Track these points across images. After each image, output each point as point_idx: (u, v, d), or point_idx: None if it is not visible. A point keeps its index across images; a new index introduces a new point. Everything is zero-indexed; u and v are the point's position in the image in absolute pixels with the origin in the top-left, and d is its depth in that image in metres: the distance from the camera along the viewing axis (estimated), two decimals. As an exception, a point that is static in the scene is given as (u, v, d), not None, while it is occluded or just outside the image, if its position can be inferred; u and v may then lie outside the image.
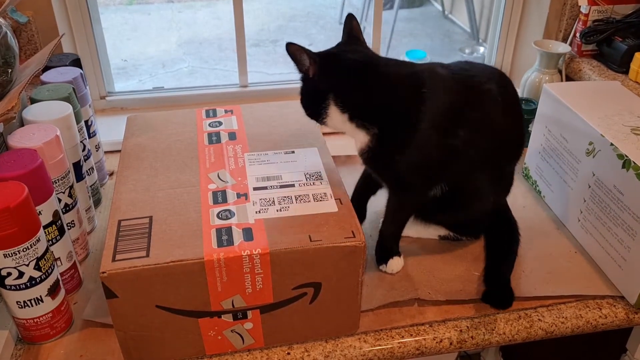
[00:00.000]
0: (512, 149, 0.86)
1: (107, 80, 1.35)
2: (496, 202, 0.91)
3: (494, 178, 0.86)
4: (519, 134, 0.87)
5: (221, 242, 0.67)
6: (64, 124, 0.83)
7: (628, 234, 0.80)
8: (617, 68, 1.28)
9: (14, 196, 0.66)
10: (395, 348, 0.76)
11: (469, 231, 0.92)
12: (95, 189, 1.00)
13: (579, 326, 0.80)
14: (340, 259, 0.68)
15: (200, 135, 0.87)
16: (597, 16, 1.32)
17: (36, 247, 0.69)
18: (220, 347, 0.73)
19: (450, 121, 0.77)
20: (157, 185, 0.77)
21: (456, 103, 0.77)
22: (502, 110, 0.81)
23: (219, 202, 0.73)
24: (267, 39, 3.04)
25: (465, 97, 0.78)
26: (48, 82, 0.92)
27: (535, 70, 1.29)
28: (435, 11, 3.56)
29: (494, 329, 0.79)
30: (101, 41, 1.31)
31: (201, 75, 2.61)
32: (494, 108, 0.80)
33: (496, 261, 0.87)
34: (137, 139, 0.87)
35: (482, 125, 0.79)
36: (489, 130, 0.80)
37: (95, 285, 0.83)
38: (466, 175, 0.82)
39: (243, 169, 0.80)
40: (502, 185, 0.90)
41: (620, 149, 0.81)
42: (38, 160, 0.72)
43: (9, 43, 0.75)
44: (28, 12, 1.12)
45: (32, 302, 0.72)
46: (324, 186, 0.77)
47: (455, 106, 0.77)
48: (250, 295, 0.69)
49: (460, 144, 0.77)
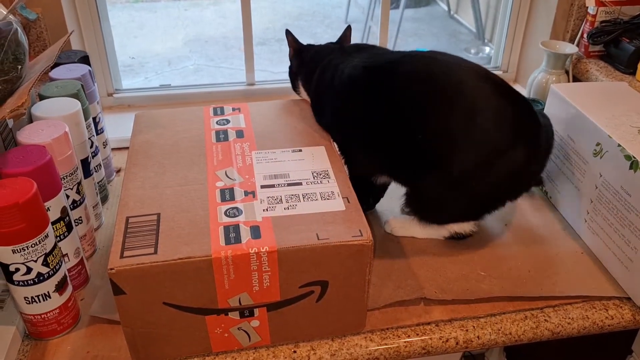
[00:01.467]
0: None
1: (114, 77, 1.35)
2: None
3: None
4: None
5: (229, 239, 0.67)
6: (72, 120, 0.84)
7: (635, 235, 0.80)
8: (624, 69, 1.28)
9: (23, 192, 0.66)
10: (401, 347, 0.76)
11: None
12: (102, 186, 1.00)
13: (585, 327, 0.80)
14: (348, 257, 0.69)
15: (208, 132, 0.88)
16: (605, 17, 1.32)
17: (44, 243, 0.69)
18: (227, 344, 0.73)
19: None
20: (165, 183, 0.77)
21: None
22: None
23: (227, 200, 0.73)
24: (273, 38, 3.05)
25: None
26: (57, 79, 0.93)
27: (542, 71, 1.29)
28: (441, 11, 3.56)
29: (500, 329, 0.79)
30: (109, 38, 1.31)
31: (207, 73, 2.62)
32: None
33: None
34: (145, 136, 0.87)
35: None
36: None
37: (102, 282, 0.84)
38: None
39: (250, 167, 0.80)
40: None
41: (628, 149, 0.81)
42: (47, 157, 0.73)
43: (20, 40, 0.76)
44: (37, 9, 1.12)
45: (40, 297, 0.72)
46: (331, 185, 0.77)
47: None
48: (258, 293, 0.69)
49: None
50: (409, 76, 0.83)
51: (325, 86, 0.92)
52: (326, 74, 0.92)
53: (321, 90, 0.94)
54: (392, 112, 0.83)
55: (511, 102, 0.83)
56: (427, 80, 0.82)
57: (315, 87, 0.96)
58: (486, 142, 0.80)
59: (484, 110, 0.80)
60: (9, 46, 0.74)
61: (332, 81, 0.90)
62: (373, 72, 0.85)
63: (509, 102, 0.82)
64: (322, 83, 0.93)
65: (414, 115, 0.82)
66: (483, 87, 0.82)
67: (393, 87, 0.83)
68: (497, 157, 0.81)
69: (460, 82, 0.81)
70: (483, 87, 0.82)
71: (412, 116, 0.82)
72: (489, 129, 0.80)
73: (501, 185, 0.84)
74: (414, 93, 0.82)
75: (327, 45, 1.01)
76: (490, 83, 0.82)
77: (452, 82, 0.81)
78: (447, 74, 0.82)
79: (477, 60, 2.71)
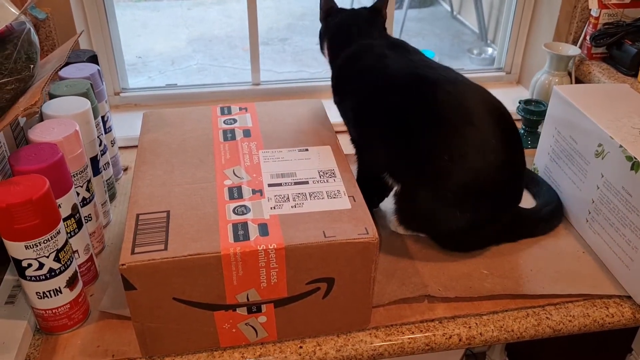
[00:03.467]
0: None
1: (121, 76, 1.37)
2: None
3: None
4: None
5: (237, 236, 0.68)
6: (82, 119, 0.85)
7: (636, 234, 0.82)
8: (626, 71, 1.29)
9: (36, 189, 0.67)
10: (405, 343, 0.78)
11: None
12: (110, 184, 1.01)
13: (586, 325, 0.82)
14: (354, 254, 0.70)
15: (216, 132, 0.89)
16: (608, 19, 1.33)
17: (56, 239, 0.71)
18: (235, 339, 0.75)
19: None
20: (174, 181, 0.78)
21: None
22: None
23: (235, 198, 0.75)
24: (277, 38, 3.06)
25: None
26: (66, 78, 0.94)
27: (545, 72, 1.30)
28: (444, 11, 3.57)
29: (502, 326, 0.80)
30: (116, 38, 1.33)
31: (211, 73, 2.63)
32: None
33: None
34: (153, 135, 0.89)
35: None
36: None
37: (111, 278, 0.85)
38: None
39: (258, 166, 0.81)
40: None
41: (629, 150, 0.82)
42: (59, 154, 0.74)
43: (32, 39, 0.77)
44: (46, 9, 1.13)
45: (51, 293, 0.73)
46: (337, 184, 0.78)
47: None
48: (265, 289, 0.70)
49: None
50: (450, 102, 0.85)
51: (362, 72, 0.93)
52: (365, 59, 0.93)
53: (353, 74, 0.95)
54: (427, 128, 0.84)
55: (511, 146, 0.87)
56: (464, 108, 0.84)
57: (345, 65, 0.97)
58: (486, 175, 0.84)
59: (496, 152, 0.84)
60: (22, 46, 0.75)
61: (373, 73, 0.91)
62: (421, 83, 0.87)
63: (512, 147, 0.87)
64: (358, 67, 0.94)
65: (446, 138, 0.83)
66: (505, 132, 0.86)
67: (437, 106, 0.85)
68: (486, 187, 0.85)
69: (485, 115, 0.85)
70: (505, 131, 0.86)
71: (444, 139, 0.83)
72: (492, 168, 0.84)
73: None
74: (451, 118, 0.84)
75: (361, 15, 1.02)
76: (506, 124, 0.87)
77: (480, 115, 0.84)
78: (479, 105, 0.86)
79: (480, 62, 2.72)
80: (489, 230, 0.90)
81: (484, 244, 0.92)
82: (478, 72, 1.57)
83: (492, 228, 0.90)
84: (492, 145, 0.83)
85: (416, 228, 0.93)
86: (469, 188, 0.83)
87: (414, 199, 0.88)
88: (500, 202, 0.88)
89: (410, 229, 0.93)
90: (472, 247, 0.91)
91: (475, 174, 0.83)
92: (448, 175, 0.83)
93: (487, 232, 0.90)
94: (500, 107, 0.88)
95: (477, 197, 0.85)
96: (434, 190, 0.85)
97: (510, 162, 0.87)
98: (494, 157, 0.84)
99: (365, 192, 0.77)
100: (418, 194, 0.87)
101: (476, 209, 0.86)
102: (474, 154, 0.82)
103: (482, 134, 0.83)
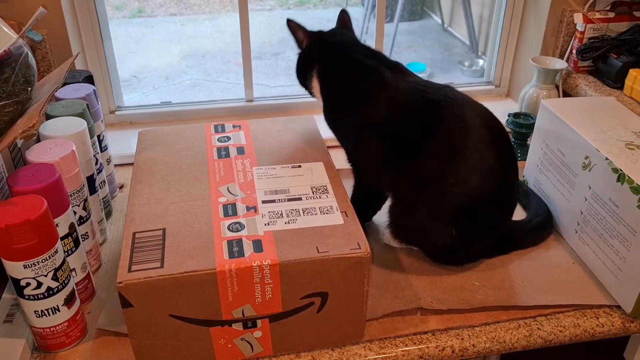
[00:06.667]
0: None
1: (116, 95, 1.38)
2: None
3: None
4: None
5: (232, 253, 0.70)
6: (79, 139, 0.87)
7: (623, 245, 0.83)
8: (612, 84, 1.32)
9: (34, 209, 0.68)
10: (399, 356, 0.79)
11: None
12: (106, 202, 1.03)
13: (576, 335, 0.83)
14: (347, 269, 0.71)
15: (210, 149, 0.90)
16: (593, 34, 1.36)
17: (54, 258, 0.72)
18: (231, 355, 0.76)
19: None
20: (169, 199, 0.80)
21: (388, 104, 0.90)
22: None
23: (229, 215, 0.76)
24: (269, 52, 3.08)
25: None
26: (62, 99, 0.96)
27: (533, 86, 1.33)
28: (435, 24, 3.60)
29: (494, 338, 0.81)
30: (111, 57, 1.35)
31: (204, 88, 2.64)
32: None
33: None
34: (148, 154, 0.90)
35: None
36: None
37: (108, 295, 0.86)
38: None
39: (252, 183, 0.82)
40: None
41: (615, 163, 0.84)
42: (56, 175, 0.75)
43: (29, 62, 0.79)
44: (42, 31, 1.15)
45: (49, 311, 0.74)
46: (330, 199, 0.79)
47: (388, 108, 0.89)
48: (260, 305, 0.71)
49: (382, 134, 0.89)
50: (458, 125, 0.86)
51: (367, 92, 0.90)
52: (373, 81, 0.91)
53: (355, 94, 0.92)
54: (434, 150, 0.85)
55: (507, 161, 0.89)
56: (471, 130, 0.85)
57: (344, 85, 0.93)
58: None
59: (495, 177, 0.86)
60: (20, 69, 0.76)
61: (381, 93, 0.89)
62: (432, 104, 0.87)
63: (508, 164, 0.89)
64: (362, 87, 0.91)
65: (453, 162, 0.85)
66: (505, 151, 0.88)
67: (445, 129, 0.86)
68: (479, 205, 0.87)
69: (489, 137, 0.86)
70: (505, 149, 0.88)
71: (451, 162, 0.85)
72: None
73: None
74: (459, 141, 0.85)
75: (350, 35, 0.99)
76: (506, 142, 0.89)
77: (485, 138, 0.85)
78: (484, 128, 0.86)
79: (471, 74, 2.74)
80: (481, 244, 0.92)
81: (476, 258, 0.93)
82: (468, 86, 1.59)
83: (484, 243, 0.92)
84: (496, 170, 0.85)
85: (410, 242, 0.94)
86: (468, 209, 0.85)
87: (410, 214, 0.90)
88: (496, 220, 0.90)
89: (404, 242, 0.94)
90: (464, 261, 0.93)
91: (476, 196, 0.85)
92: (450, 196, 0.85)
93: (479, 246, 0.92)
94: (502, 130, 0.89)
95: (474, 217, 0.86)
96: (433, 208, 0.87)
97: (508, 185, 0.89)
98: (496, 181, 0.86)
99: (361, 206, 0.78)
100: (416, 211, 0.89)
101: (472, 227, 0.88)
102: (478, 178, 0.84)
103: (487, 160, 0.85)
